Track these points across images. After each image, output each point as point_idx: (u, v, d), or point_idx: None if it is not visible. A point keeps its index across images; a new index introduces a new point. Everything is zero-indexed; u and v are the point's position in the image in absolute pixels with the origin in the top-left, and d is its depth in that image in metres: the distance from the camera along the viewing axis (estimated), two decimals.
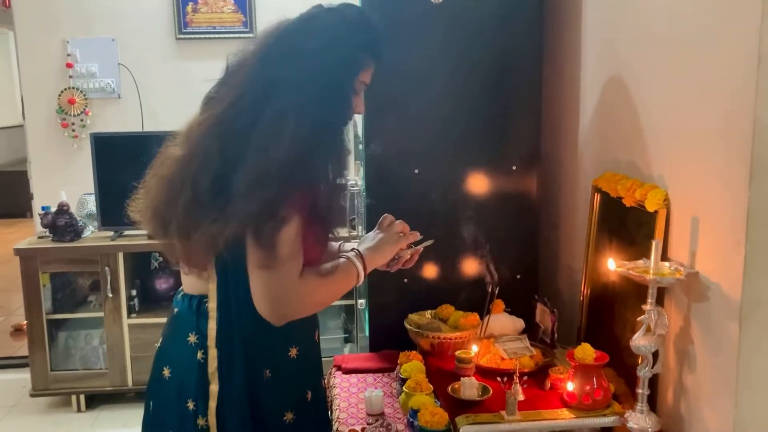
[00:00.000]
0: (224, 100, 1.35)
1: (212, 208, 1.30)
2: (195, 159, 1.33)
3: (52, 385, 3.51)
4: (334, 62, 1.34)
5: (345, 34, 1.38)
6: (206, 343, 1.39)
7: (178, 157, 1.37)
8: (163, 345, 1.49)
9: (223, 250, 1.31)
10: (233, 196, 1.27)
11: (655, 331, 1.46)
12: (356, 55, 1.39)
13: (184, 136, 1.39)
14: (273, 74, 1.32)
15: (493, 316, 1.97)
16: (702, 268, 1.41)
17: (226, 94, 1.36)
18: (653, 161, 1.63)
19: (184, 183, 1.34)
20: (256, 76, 1.34)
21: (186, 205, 1.33)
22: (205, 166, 1.31)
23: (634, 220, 1.64)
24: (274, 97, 1.30)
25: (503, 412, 1.56)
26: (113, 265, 3.42)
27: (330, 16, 1.40)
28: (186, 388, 1.40)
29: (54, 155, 4.03)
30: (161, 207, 1.39)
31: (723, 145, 1.33)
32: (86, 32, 3.98)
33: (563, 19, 2.19)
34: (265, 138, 1.27)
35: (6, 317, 5.08)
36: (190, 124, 1.41)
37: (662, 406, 1.58)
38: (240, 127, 1.30)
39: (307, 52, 1.33)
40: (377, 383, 1.90)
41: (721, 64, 1.33)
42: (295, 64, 1.32)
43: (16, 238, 6.00)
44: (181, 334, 1.43)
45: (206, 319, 1.40)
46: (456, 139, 2.08)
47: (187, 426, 1.39)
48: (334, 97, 1.35)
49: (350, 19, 1.40)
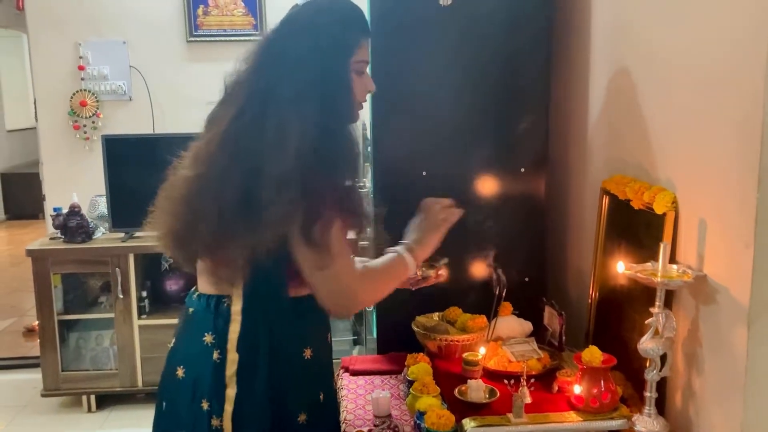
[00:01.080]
0: (225, 117, 1.36)
1: (242, 221, 1.31)
2: (212, 177, 1.34)
3: (63, 386, 3.53)
4: (323, 53, 1.34)
5: (324, 21, 1.38)
6: (224, 344, 1.38)
7: (190, 177, 1.38)
8: (177, 345, 1.49)
9: (265, 259, 1.32)
10: (262, 207, 1.28)
11: (663, 334, 1.46)
12: (342, 37, 1.39)
13: (193, 157, 1.40)
14: (268, 83, 1.33)
15: (501, 319, 1.97)
16: (710, 271, 1.41)
17: (226, 111, 1.38)
18: (661, 164, 1.62)
19: (205, 201, 1.34)
20: (252, 88, 1.35)
21: (213, 222, 1.33)
22: (227, 182, 1.32)
23: (643, 223, 1.64)
24: (273, 104, 1.31)
25: (510, 414, 1.56)
26: (124, 267, 3.44)
27: (306, 9, 1.41)
28: (200, 388, 1.39)
29: (66, 157, 4.06)
30: (182, 229, 1.40)
31: (732, 147, 1.32)
32: (98, 35, 4.01)
33: (572, 22, 2.18)
34: (276, 146, 1.28)
35: (19, 318, 5.12)
36: (197, 145, 1.41)
37: (670, 409, 1.57)
38: (248, 140, 1.31)
39: (295, 51, 1.34)
40: (384, 385, 1.91)
41: (731, 66, 1.33)
42: (286, 67, 1.33)
43: (29, 239, 6.06)
44: (196, 333, 1.42)
45: (225, 320, 1.39)
46: (464, 141, 2.08)
47: (201, 426, 1.38)
48: (334, 87, 1.35)
49: (325, 4, 1.41)
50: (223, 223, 1.33)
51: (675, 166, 1.56)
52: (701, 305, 1.45)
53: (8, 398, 3.79)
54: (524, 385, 1.60)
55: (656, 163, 1.65)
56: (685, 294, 1.51)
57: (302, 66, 1.33)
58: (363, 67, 1.44)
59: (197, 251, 1.43)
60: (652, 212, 1.55)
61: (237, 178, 1.31)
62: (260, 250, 1.30)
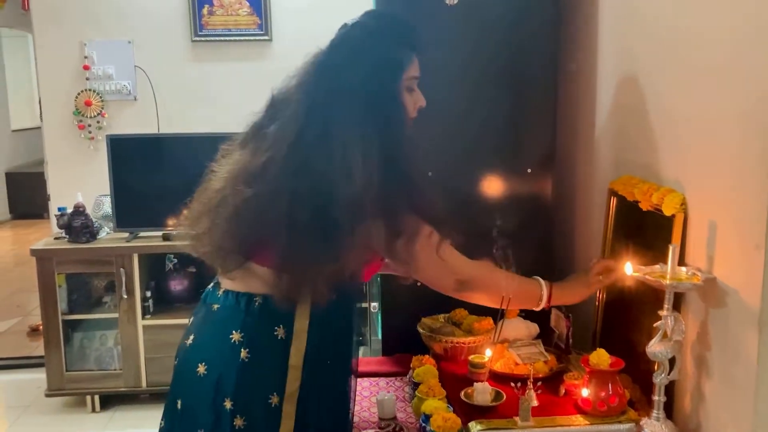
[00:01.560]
0: (283, 139, 1.38)
1: (319, 244, 1.33)
2: (283, 198, 1.34)
3: (67, 386, 3.53)
4: (376, 75, 1.38)
5: (374, 41, 1.41)
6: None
7: (251, 195, 1.36)
8: (199, 341, 1.46)
9: (348, 282, 1.38)
10: (339, 230, 1.31)
11: (671, 337, 1.44)
12: (392, 55, 1.42)
13: (249, 174, 1.39)
14: (325, 104, 1.36)
15: (507, 321, 1.96)
16: (720, 273, 1.39)
17: (282, 131, 1.39)
18: (670, 164, 1.61)
19: (271, 220, 1.35)
20: (310, 108, 1.37)
21: (283, 243, 1.34)
22: (301, 205, 1.32)
23: (651, 225, 1.62)
24: (333, 127, 1.34)
25: (517, 418, 1.54)
26: (128, 267, 3.44)
27: (355, 30, 1.44)
28: (224, 386, 1.38)
29: (70, 157, 4.07)
30: (233, 245, 1.40)
31: (741, 148, 1.30)
32: (103, 35, 4.01)
33: (579, 20, 2.17)
34: (341, 170, 1.31)
35: (23, 317, 5.12)
36: (252, 162, 1.40)
37: (679, 413, 1.56)
38: (314, 161, 1.33)
39: (348, 74, 1.37)
40: (389, 387, 1.89)
41: (741, 65, 1.31)
42: (341, 90, 1.36)
43: (33, 238, 6.06)
44: (221, 331, 1.41)
45: (255, 319, 1.40)
46: (470, 141, 2.07)
47: (224, 425, 1.37)
48: (388, 108, 1.38)
49: (374, 24, 1.44)
50: (296, 245, 1.33)
51: (684, 167, 1.55)
52: (711, 308, 1.43)
53: (12, 398, 3.80)
54: (531, 388, 1.59)
55: (665, 163, 1.63)
56: (694, 297, 1.49)
57: (356, 88, 1.36)
58: (414, 83, 1.48)
59: (242, 262, 1.42)
60: (661, 214, 1.54)
61: (309, 201, 1.32)
62: (342, 274, 1.35)
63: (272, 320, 1.40)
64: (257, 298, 1.40)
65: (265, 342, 1.39)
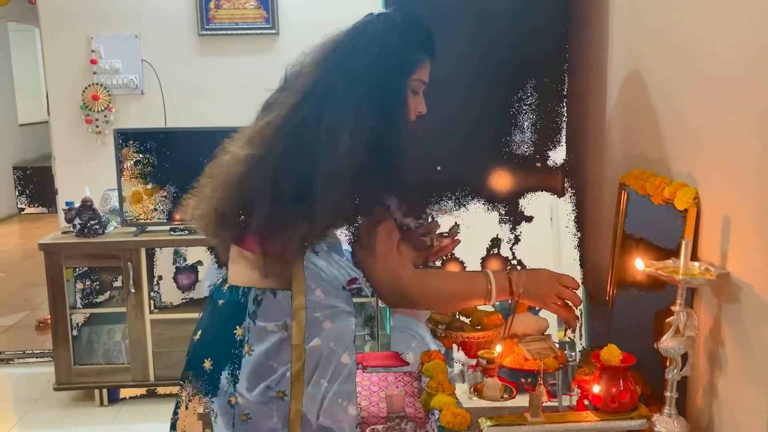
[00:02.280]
0: (286, 103, 1.40)
1: (295, 208, 1.34)
2: (267, 160, 1.36)
3: (76, 379, 3.53)
4: (386, 67, 1.40)
5: (394, 35, 1.44)
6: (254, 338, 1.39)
7: (243, 157, 1.40)
8: (205, 337, 1.48)
9: (316, 246, 1.40)
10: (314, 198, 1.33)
11: (684, 333, 1.42)
12: (407, 55, 1.45)
13: (248, 137, 1.42)
14: (330, 82, 1.38)
15: (517, 316, 1.94)
16: (733, 268, 1.37)
17: (286, 98, 1.41)
18: (682, 158, 1.59)
19: (259, 183, 1.36)
20: (314, 83, 1.40)
21: (267, 205, 1.36)
22: (285, 169, 1.35)
23: (663, 219, 1.60)
24: (331, 104, 1.36)
25: (527, 413, 1.53)
26: (136, 261, 3.44)
27: (379, 21, 1.47)
28: (230, 381, 1.39)
29: (78, 151, 4.07)
30: (228, 208, 1.42)
31: (756, 141, 1.28)
32: (110, 29, 4.01)
33: (589, 15, 2.15)
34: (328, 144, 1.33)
35: (31, 311, 5.14)
36: (252, 128, 1.44)
37: (691, 409, 1.54)
38: (304, 132, 1.36)
39: (360, 60, 1.40)
40: (398, 382, 1.89)
41: (753, 57, 1.29)
42: (350, 72, 1.38)
43: (41, 233, 6.08)
44: (226, 327, 1.42)
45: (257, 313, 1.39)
46: (479, 136, 2.06)
47: (228, 422, 1.38)
48: (390, 101, 1.40)
49: (399, 20, 1.47)
50: (278, 208, 1.35)
51: (697, 161, 1.53)
52: (724, 303, 1.41)
53: (21, 392, 3.81)
54: (541, 384, 1.57)
55: (677, 158, 1.61)
56: (707, 292, 1.47)
57: (364, 75, 1.38)
58: (420, 87, 1.50)
59: (238, 235, 1.44)
60: (673, 208, 1.52)
61: (293, 165, 1.35)
62: (312, 239, 1.37)
63: (274, 315, 1.40)
64: (259, 293, 1.41)
65: (269, 337, 1.39)
